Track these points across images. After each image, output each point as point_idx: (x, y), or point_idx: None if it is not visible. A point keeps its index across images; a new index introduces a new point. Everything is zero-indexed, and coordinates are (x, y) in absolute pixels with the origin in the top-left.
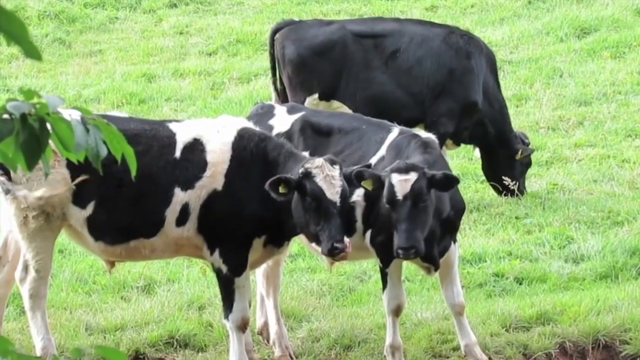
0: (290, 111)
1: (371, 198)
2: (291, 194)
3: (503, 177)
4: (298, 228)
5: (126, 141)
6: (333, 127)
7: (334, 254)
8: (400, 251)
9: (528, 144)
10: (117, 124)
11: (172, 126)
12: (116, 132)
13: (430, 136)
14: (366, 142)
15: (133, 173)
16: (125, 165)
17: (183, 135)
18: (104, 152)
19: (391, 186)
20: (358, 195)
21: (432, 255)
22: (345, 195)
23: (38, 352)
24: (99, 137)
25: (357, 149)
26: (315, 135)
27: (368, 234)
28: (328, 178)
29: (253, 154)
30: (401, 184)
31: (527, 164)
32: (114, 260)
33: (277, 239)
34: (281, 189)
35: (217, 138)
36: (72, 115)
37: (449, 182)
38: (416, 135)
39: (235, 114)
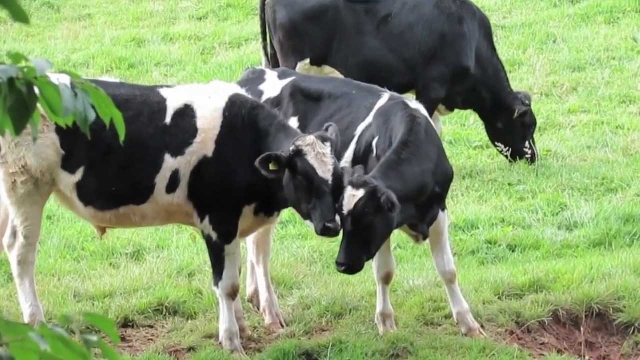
0: (281, 76)
1: (360, 164)
2: (282, 172)
3: (496, 144)
4: (290, 204)
5: (116, 106)
6: (323, 93)
7: (327, 234)
8: (336, 265)
9: (528, 105)
10: (108, 89)
11: (163, 92)
12: (105, 96)
13: (419, 108)
14: (356, 108)
15: (121, 138)
16: (115, 130)
17: (174, 101)
18: (92, 116)
19: (342, 199)
20: (346, 161)
21: (419, 229)
22: (337, 173)
23: (26, 319)
24: (88, 102)
25: (347, 114)
26: (306, 101)
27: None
28: (319, 156)
29: (244, 121)
30: (349, 199)
31: (530, 124)
32: (105, 226)
33: (268, 208)
34: (271, 167)
35: (208, 104)
36: (60, 79)
37: (392, 206)
38: (406, 105)
39: (226, 79)
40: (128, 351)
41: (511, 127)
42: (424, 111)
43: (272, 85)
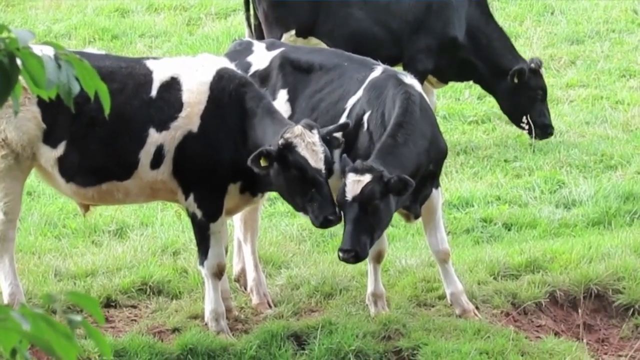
0: (270, 47)
1: (350, 139)
2: (272, 167)
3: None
4: (282, 197)
5: (100, 78)
6: (313, 64)
7: (327, 226)
8: (340, 253)
9: (534, 69)
10: (92, 61)
11: (149, 64)
12: (89, 68)
13: (414, 84)
14: (347, 80)
15: (106, 111)
16: (99, 103)
17: (160, 73)
18: (76, 89)
19: (343, 185)
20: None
21: (411, 209)
22: (328, 161)
23: (5, 299)
24: (72, 74)
25: (338, 87)
26: (295, 72)
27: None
28: (309, 145)
29: (232, 97)
30: (353, 184)
31: (535, 88)
32: (87, 203)
33: (254, 187)
34: (262, 163)
35: (195, 77)
36: (43, 51)
37: (404, 186)
38: (400, 81)
39: (212, 50)
40: (110, 332)
41: (511, 96)
42: (418, 87)
43: (261, 57)
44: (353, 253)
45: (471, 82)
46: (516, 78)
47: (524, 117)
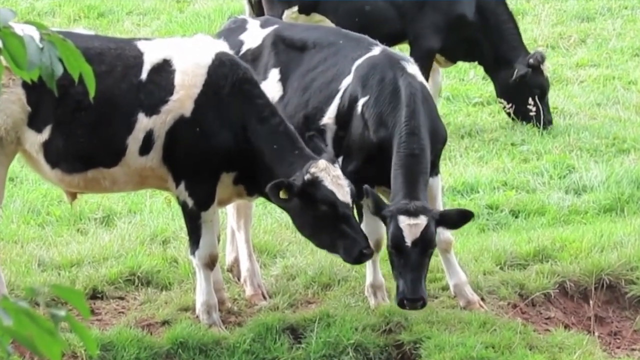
0: (264, 25)
1: (343, 122)
2: (291, 200)
3: (499, 100)
4: (305, 235)
5: (87, 60)
6: (307, 42)
7: (362, 261)
8: (406, 302)
9: (533, 65)
10: (79, 42)
11: (140, 45)
12: (74, 49)
13: (415, 73)
14: (342, 59)
15: (91, 94)
16: (85, 86)
17: (151, 55)
18: (59, 70)
19: (398, 230)
20: (329, 117)
21: None
22: (353, 194)
23: None
24: (55, 55)
25: (332, 65)
26: (288, 50)
27: (339, 160)
28: (335, 179)
29: (234, 87)
30: (410, 229)
31: (532, 86)
32: (74, 191)
33: (249, 185)
34: (282, 195)
35: (190, 59)
36: (25, 30)
37: (463, 219)
38: (402, 70)
39: (204, 29)
40: (97, 325)
41: (511, 85)
42: (420, 76)
43: (253, 35)
44: (422, 302)
45: (476, 62)
46: (516, 74)
47: (530, 100)
